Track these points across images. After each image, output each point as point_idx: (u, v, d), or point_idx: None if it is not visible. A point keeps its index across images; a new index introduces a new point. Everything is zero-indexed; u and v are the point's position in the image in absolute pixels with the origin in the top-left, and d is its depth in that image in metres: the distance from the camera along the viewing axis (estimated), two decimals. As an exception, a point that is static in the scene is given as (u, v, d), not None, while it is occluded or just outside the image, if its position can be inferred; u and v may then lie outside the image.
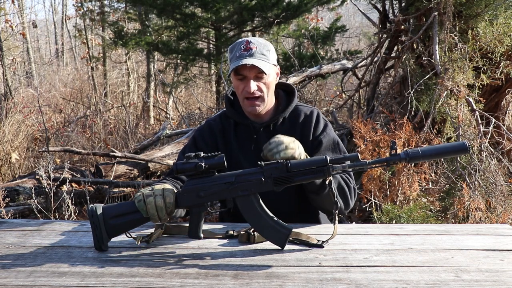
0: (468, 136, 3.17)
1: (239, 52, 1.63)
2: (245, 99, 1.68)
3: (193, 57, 7.26)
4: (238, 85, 1.68)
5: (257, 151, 1.72)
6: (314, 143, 1.71)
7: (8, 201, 3.67)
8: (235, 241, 1.45)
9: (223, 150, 1.75)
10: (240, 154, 1.74)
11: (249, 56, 1.61)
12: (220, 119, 1.81)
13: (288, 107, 1.75)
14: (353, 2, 6.08)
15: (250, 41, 1.65)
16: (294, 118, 1.76)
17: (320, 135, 1.72)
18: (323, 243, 1.40)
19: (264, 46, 1.66)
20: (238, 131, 1.77)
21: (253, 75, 1.64)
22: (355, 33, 11.17)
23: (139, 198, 1.35)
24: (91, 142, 6.65)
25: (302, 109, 1.78)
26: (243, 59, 1.60)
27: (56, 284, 1.15)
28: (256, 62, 1.60)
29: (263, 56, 1.64)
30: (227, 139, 1.78)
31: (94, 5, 9.53)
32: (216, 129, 1.78)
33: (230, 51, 1.68)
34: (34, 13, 41.81)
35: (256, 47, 1.63)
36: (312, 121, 1.74)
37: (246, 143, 1.75)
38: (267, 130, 1.74)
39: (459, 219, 2.88)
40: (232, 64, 1.64)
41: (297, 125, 1.75)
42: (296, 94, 1.80)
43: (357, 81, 5.53)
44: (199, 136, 1.80)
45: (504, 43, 3.36)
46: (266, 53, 1.65)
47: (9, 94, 7.30)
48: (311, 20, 9.63)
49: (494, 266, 1.26)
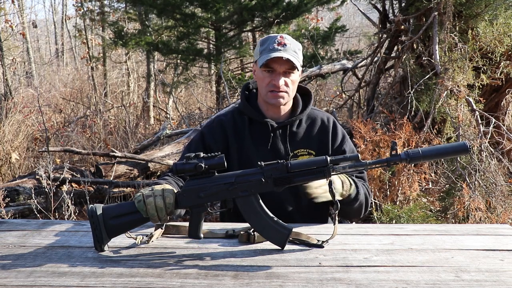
0: (468, 136, 3.17)
1: (273, 46, 1.63)
2: (269, 91, 1.68)
3: (193, 57, 7.26)
4: (264, 77, 1.67)
5: (273, 151, 1.72)
6: (337, 153, 1.74)
7: (8, 201, 3.67)
8: (235, 241, 1.45)
9: (234, 146, 1.74)
10: (254, 152, 1.72)
11: (283, 51, 1.62)
12: (232, 115, 1.79)
13: (305, 109, 1.77)
14: (353, 2, 6.09)
15: (284, 37, 1.66)
16: (311, 122, 1.78)
17: (343, 145, 1.77)
18: (323, 243, 1.40)
19: (297, 45, 1.68)
20: (253, 129, 1.76)
21: (283, 70, 1.65)
22: (355, 33, 11.16)
23: (139, 199, 1.35)
24: (91, 142, 6.64)
25: (318, 113, 1.80)
26: (277, 52, 1.61)
27: (56, 284, 1.15)
28: (291, 57, 1.62)
29: (295, 54, 1.66)
30: (240, 136, 1.76)
31: (94, 5, 9.54)
32: (228, 125, 1.77)
33: (261, 44, 1.68)
34: (34, 13, 41.82)
35: (290, 43, 1.65)
36: (329, 130, 1.77)
37: (261, 141, 1.74)
38: (285, 130, 1.75)
39: (459, 219, 2.88)
40: (263, 55, 1.64)
41: (314, 130, 1.77)
42: (312, 97, 1.82)
43: (357, 81, 5.53)
44: (207, 132, 1.78)
45: (504, 43, 3.36)
46: (298, 51, 1.68)
47: (9, 94, 7.30)
48: (311, 20, 9.63)
49: (494, 266, 1.26)
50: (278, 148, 1.73)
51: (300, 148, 1.74)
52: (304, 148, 1.75)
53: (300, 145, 1.75)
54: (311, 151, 1.74)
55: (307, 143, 1.75)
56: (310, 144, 1.75)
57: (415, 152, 1.31)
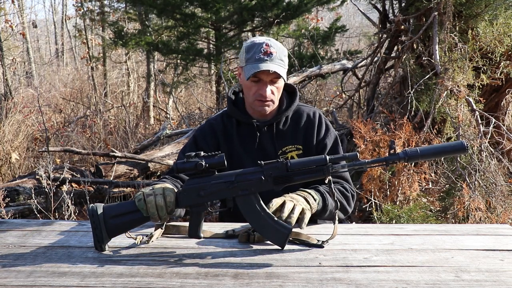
0: (468, 136, 3.17)
1: (259, 55, 1.62)
2: (256, 100, 1.69)
3: (193, 57, 7.26)
4: (251, 86, 1.68)
5: (260, 150, 1.74)
6: (319, 146, 1.75)
7: (8, 201, 3.67)
8: (235, 241, 1.45)
9: (225, 149, 1.76)
10: (242, 153, 1.75)
11: (269, 61, 1.62)
12: (221, 119, 1.82)
13: (290, 106, 1.77)
14: (353, 2, 6.09)
15: (270, 44, 1.64)
16: (297, 118, 1.78)
17: (325, 139, 1.76)
18: (323, 243, 1.40)
19: (282, 51, 1.67)
20: (241, 130, 1.78)
21: (270, 79, 1.66)
22: (355, 33, 11.16)
23: (139, 197, 1.35)
24: (91, 142, 6.65)
25: (304, 109, 1.81)
26: (263, 63, 1.61)
27: (56, 284, 1.15)
28: (277, 68, 1.62)
29: (281, 62, 1.65)
30: (229, 138, 1.78)
31: (94, 5, 9.54)
32: (218, 129, 1.79)
33: (247, 51, 1.66)
34: (34, 13, 41.85)
35: (276, 52, 1.64)
36: (315, 123, 1.77)
37: (249, 142, 1.76)
38: (271, 129, 1.76)
39: (459, 219, 2.88)
40: (251, 65, 1.63)
41: (300, 126, 1.77)
42: (298, 94, 1.82)
43: (357, 81, 5.53)
44: (200, 136, 1.80)
45: (504, 43, 3.36)
46: (284, 58, 1.67)
47: (9, 94, 7.30)
48: (311, 20, 9.63)
49: (494, 266, 1.25)
50: (266, 147, 1.75)
51: (288, 145, 1.76)
52: (292, 144, 1.76)
53: (287, 141, 1.76)
54: (298, 145, 1.76)
55: (293, 138, 1.76)
56: (296, 138, 1.76)
57: (413, 151, 1.31)
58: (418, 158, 1.32)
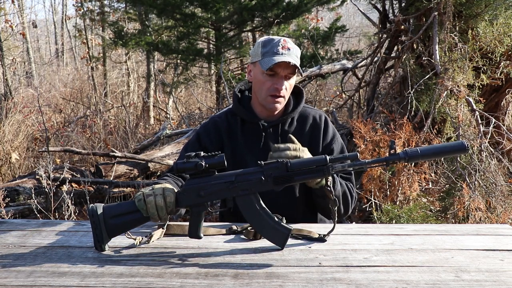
0: (468, 136, 3.17)
1: (277, 49, 1.62)
2: (270, 96, 1.68)
3: (193, 57, 7.26)
4: (266, 81, 1.66)
5: (265, 150, 1.72)
6: (325, 151, 1.74)
7: (8, 201, 3.67)
8: (235, 241, 1.45)
9: (228, 147, 1.75)
10: (246, 152, 1.74)
11: (287, 55, 1.62)
12: (225, 116, 1.81)
13: (297, 108, 1.77)
14: (353, 2, 6.09)
15: (287, 40, 1.66)
16: (303, 120, 1.78)
17: (332, 144, 1.76)
18: (325, 237, 1.42)
19: (297, 50, 1.67)
20: (245, 129, 1.77)
21: (285, 74, 1.65)
22: (355, 33, 11.16)
23: (139, 198, 1.35)
24: (91, 142, 6.65)
25: (310, 111, 1.81)
26: (282, 56, 1.61)
27: (56, 284, 1.15)
28: (296, 62, 1.63)
29: (297, 59, 1.66)
30: (233, 136, 1.77)
31: (94, 5, 9.54)
32: (222, 126, 1.78)
33: (263, 45, 1.66)
34: (34, 13, 41.86)
35: (293, 48, 1.65)
36: (321, 127, 1.78)
37: (254, 142, 1.75)
38: (276, 129, 1.75)
39: (459, 219, 2.88)
40: (269, 58, 1.62)
41: (306, 128, 1.77)
42: (304, 95, 1.82)
43: (357, 81, 5.54)
44: (203, 133, 1.79)
45: (504, 43, 3.36)
46: (298, 56, 1.68)
47: (9, 94, 7.30)
48: (311, 20, 9.64)
49: (494, 266, 1.26)
50: (270, 147, 1.74)
51: None
52: None
53: None
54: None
55: (298, 140, 1.76)
56: (301, 141, 1.75)
57: (413, 151, 1.31)
58: (418, 158, 1.32)
